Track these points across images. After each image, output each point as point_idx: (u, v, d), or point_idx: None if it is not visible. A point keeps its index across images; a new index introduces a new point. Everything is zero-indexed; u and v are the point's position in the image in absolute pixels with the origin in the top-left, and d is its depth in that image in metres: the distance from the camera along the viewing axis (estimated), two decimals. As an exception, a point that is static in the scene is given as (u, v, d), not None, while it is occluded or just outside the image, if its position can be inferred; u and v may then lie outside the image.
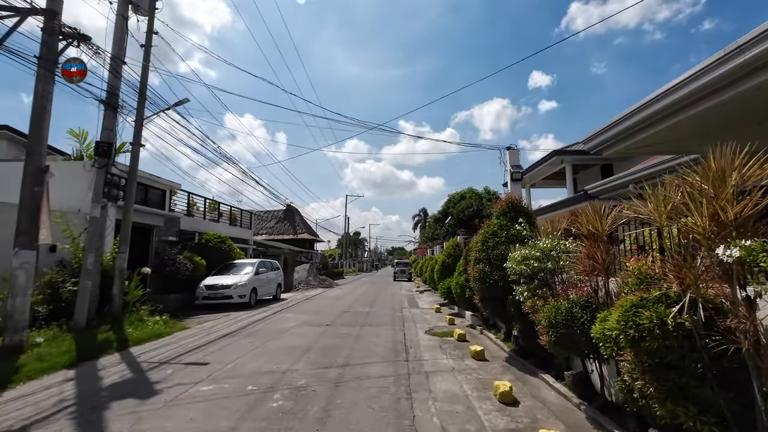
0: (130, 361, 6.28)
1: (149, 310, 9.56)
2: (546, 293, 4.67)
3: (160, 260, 13.18)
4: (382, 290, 22.55)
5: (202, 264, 14.18)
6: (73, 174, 10.34)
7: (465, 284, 9.37)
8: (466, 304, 9.76)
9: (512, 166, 9.68)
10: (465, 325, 9.92)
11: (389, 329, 9.16)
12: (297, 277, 23.86)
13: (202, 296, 13.33)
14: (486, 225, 6.96)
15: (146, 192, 13.14)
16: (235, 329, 9.14)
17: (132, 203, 9.19)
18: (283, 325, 9.84)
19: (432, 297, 17.20)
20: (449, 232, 36.38)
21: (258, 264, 15.21)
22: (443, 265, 13.78)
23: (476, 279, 6.65)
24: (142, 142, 9.58)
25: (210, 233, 15.45)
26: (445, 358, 6.41)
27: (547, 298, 4.56)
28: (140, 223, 12.72)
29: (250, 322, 10.35)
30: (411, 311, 12.67)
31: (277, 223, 38.84)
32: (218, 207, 18.79)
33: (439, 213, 41.90)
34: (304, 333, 8.66)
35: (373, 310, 12.98)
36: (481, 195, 38.26)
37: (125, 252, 8.93)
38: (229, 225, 19.64)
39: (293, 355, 6.46)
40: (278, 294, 17.00)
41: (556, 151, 18.80)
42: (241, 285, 13.51)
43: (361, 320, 10.55)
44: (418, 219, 63.38)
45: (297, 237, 37.15)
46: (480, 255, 6.63)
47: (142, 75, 9.35)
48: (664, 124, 4.89)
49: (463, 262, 9.86)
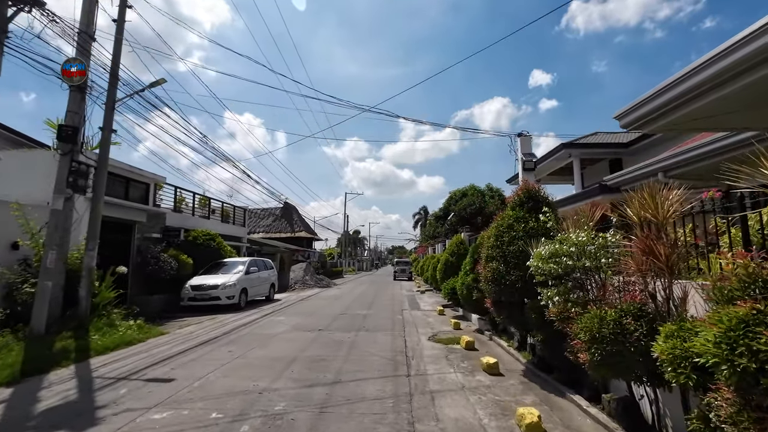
0: (84, 376, 5.36)
1: (123, 314, 8.64)
2: (584, 298, 3.75)
3: (143, 258, 12.29)
4: (381, 290, 21.64)
5: (188, 263, 13.27)
6: (40, 164, 9.43)
7: (472, 285, 8.46)
8: (472, 306, 8.85)
9: (524, 154, 8.76)
10: (472, 329, 9.01)
11: (388, 335, 8.24)
12: (293, 277, 22.96)
13: (187, 297, 12.42)
14: (499, 217, 6.03)
15: (127, 185, 12.21)
16: (217, 335, 8.23)
17: (102, 195, 8.27)
18: (272, 329, 8.92)
19: (434, 298, 16.29)
20: (451, 230, 35.44)
21: (249, 263, 14.29)
22: (446, 264, 12.86)
23: (489, 279, 5.72)
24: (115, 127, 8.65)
25: (198, 230, 14.53)
26: (452, 372, 5.49)
27: (587, 304, 3.63)
28: (120, 218, 11.81)
29: (237, 326, 9.44)
30: (412, 313, 11.75)
31: (275, 221, 37.90)
32: (209, 203, 17.86)
33: (440, 211, 40.99)
34: (293, 339, 7.75)
35: (372, 312, 12.07)
36: (483, 192, 37.33)
37: (94, 249, 8.01)
38: (221, 222, 18.71)
39: (276, 369, 5.53)
40: (271, 294, 16.09)
41: (564, 144, 17.87)
42: (230, 285, 12.60)
43: (358, 324, 9.63)
44: (418, 217, 62.47)
45: (295, 235, 36.22)
46: (493, 252, 5.71)
47: (115, 51, 8.42)
48: (722, 92, 3.98)
49: (470, 261, 8.95)
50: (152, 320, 10.35)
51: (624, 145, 17.05)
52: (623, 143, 17.03)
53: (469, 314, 10.46)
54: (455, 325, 9.11)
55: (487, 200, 35.89)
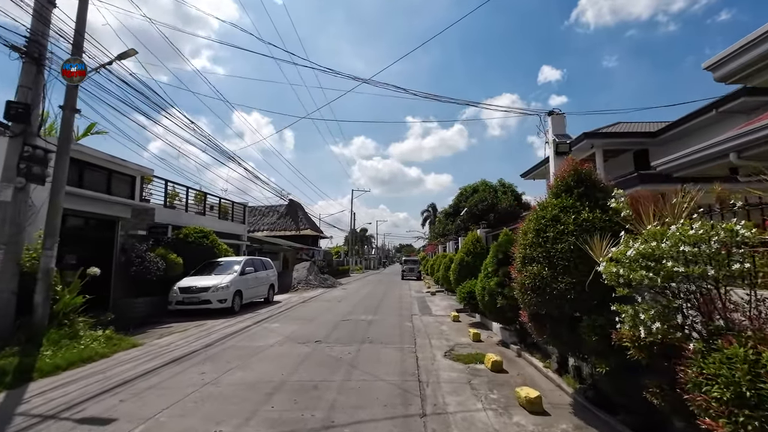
0: (6, 410, 4.18)
1: (91, 323, 7.49)
2: (708, 323, 2.41)
3: (127, 258, 11.19)
4: (389, 291, 20.37)
5: (177, 263, 12.14)
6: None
7: (496, 290, 7.15)
8: (495, 315, 7.53)
9: (557, 135, 7.39)
10: (494, 341, 7.69)
11: (396, 349, 6.96)
12: (296, 276, 21.81)
13: (175, 301, 11.29)
14: (539, 207, 4.70)
15: (109, 178, 11.10)
16: (196, 348, 7.03)
17: (62, 185, 7.11)
18: (262, 340, 7.70)
19: (447, 301, 14.96)
20: (461, 227, 33.98)
21: (245, 262, 13.12)
22: (461, 264, 11.53)
23: (527, 287, 4.40)
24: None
25: (190, 227, 13.40)
26: (480, 409, 4.19)
27: (714, 335, 2.30)
28: (101, 214, 10.72)
29: (223, 335, 8.25)
30: (423, 320, 10.45)
31: (279, 218, 36.87)
32: (205, 198, 16.74)
33: (450, 207, 39.46)
34: (283, 355, 6.52)
35: (377, 317, 10.80)
36: (495, 188, 35.78)
37: (52, 248, 6.86)
38: (218, 219, 17.61)
39: (251, 402, 4.29)
40: (271, 296, 14.93)
41: (586, 133, 16.38)
42: (222, 287, 11.44)
43: (361, 333, 8.37)
44: (427, 215, 61.08)
45: (299, 233, 35.15)
46: (533, 252, 4.38)
47: (79, 14, 7.24)
48: None
49: (493, 262, 7.63)
50: (133, 328, 9.26)
51: (652, 134, 15.56)
52: (651, 132, 15.52)
53: (488, 322, 9.14)
54: (475, 337, 7.79)
55: (499, 196, 34.30)
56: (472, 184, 37.91)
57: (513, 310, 6.95)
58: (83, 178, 10.22)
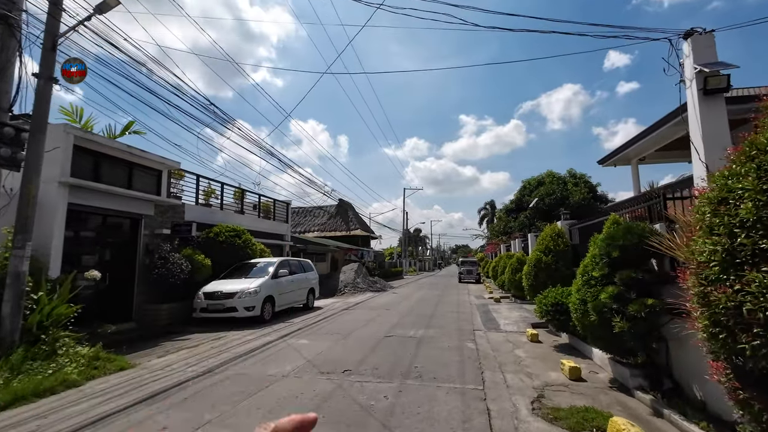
0: None
1: (77, 337, 6.17)
2: None
3: (151, 260, 10.14)
4: (445, 296, 17.98)
5: (205, 264, 10.93)
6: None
7: (610, 305, 4.64)
8: (607, 342, 5.01)
9: (703, 65, 4.71)
10: (604, 381, 5.15)
11: (455, 393, 4.73)
12: (343, 279, 20.22)
13: (199, 308, 10.01)
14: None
15: (130, 171, 10.12)
16: (189, 377, 5.38)
17: (36, 171, 5.85)
18: (276, 367, 5.89)
19: (517, 311, 12.29)
20: (526, 224, 30.39)
21: (278, 264, 11.61)
22: (537, 265, 8.96)
23: (749, 320, 2.00)
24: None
25: (221, 225, 12.20)
26: None
27: None
28: (119, 211, 9.74)
29: (234, 355, 6.59)
30: (490, 338, 8.06)
31: (329, 219, 35.92)
32: (242, 195, 15.67)
33: (511, 203, 35.88)
34: (291, 396, 4.60)
35: (430, 333, 8.59)
36: (564, 179, 31.68)
37: (24, 247, 5.60)
38: (258, 218, 16.50)
39: None
40: (310, 302, 13.34)
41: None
42: (250, 293, 9.95)
43: (407, 360, 6.25)
44: (484, 213, 57.28)
45: (350, 234, 33.85)
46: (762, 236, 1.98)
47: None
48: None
49: (600, 264, 5.11)
50: (151, 339, 8.08)
51: None
52: None
53: (583, 345, 6.52)
54: (572, 373, 5.29)
55: (570, 188, 30.22)
56: (537, 176, 34.02)
57: (640, 338, 4.43)
58: (100, 171, 9.26)
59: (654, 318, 4.30)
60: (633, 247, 4.58)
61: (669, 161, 20.27)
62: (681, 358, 4.66)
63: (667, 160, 19.93)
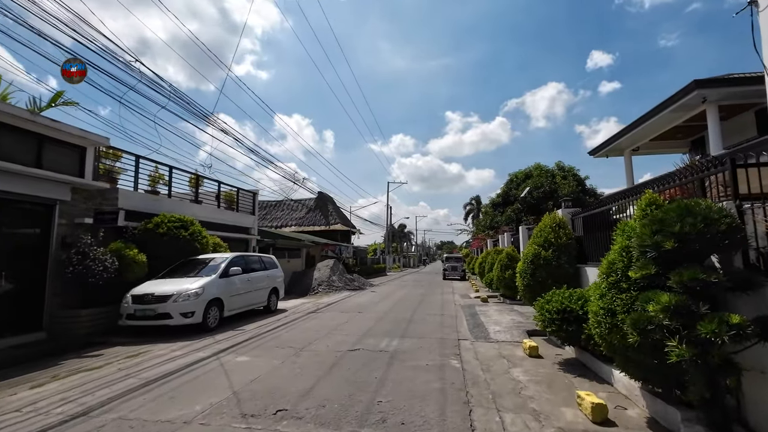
0: None
1: None
2: None
3: (67, 255, 8.25)
4: (428, 295, 16.45)
5: (139, 261, 9.08)
6: None
7: (659, 321, 3.10)
8: (643, 369, 3.49)
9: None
10: (641, 424, 3.62)
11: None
12: (318, 277, 18.49)
13: (126, 314, 8.18)
14: None
15: (40, 146, 8.17)
16: (48, 425, 3.66)
17: None
18: (181, 406, 4.18)
19: (508, 314, 10.81)
20: (513, 218, 29.17)
21: (230, 261, 9.84)
22: (535, 261, 7.45)
23: None
24: None
25: (165, 214, 10.33)
26: None
27: None
28: (24, 195, 7.81)
29: (137, 384, 4.86)
30: (479, 352, 6.51)
31: (308, 212, 34.06)
32: (197, 181, 13.75)
33: (497, 197, 34.52)
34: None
35: (405, 345, 7.01)
36: (552, 172, 30.55)
37: None
38: (218, 208, 14.61)
39: None
40: (273, 303, 11.62)
41: (697, 81, 11.41)
42: (189, 295, 8.18)
43: (370, 390, 4.63)
44: (470, 208, 56.26)
45: (329, 228, 32.09)
46: None
47: None
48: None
49: (622, 259, 3.58)
50: (53, 355, 6.26)
51: None
52: None
53: (602, 366, 5.00)
54: (596, 413, 3.74)
55: (558, 181, 29.08)
56: (524, 169, 32.78)
57: (710, 371, 2.93)
58: (-8, 145, 7.32)
59: (736, 343, 2.79)
60: (698, 236, 3.05)
61: (663, 152, 19.11)
62: (761, 398, 3.18)
63: (661, 150, 18.78)
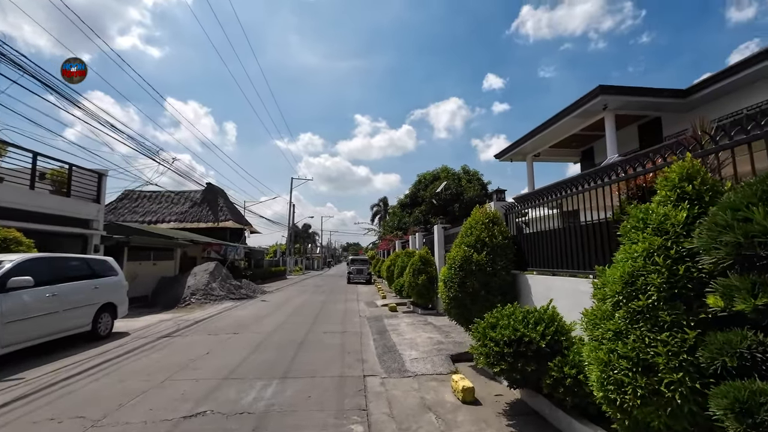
0: None
1: None
2: None
3: None
4: (328, 303, 14.13)
5: None
6: None
7: None
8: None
9: None
10: None
11: None
12: (192, 284, 14.75)
13: None
14: None
15: None
16: None
17: None
18: None
19: (423, 330, 9.07)
20: (420, 219, 28.60)
21: (12, 267, 6.23)
22: (464, 266, 5.70)
23: None
24: None
25: None
26: None
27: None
28: None
29: None
30: (392, 398, 4.45)
31: (192, 207, 28.91)
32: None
33: (405, 197, 33.84)
34: None
35: (285, 396, 4.62)
36: (458, 175, 30.87)
37: None
38: (31, 190, 10.24)
39: None
40: (103, 325, 8.09)
41: (602, 87, 11.44)
42: None
43: None
44: (377, 209, 55.53)
45: (219, 225, 27.58)
46: None
47: None
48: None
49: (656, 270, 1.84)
50: None
51: (681, 93, 11.13)
52: (680, 90, 11.06)
53: (565, 419, 3.33)
54: None
55: (464, 185, 29.43)
56: (432, 170, 32.73)
57: None
58: None
59: None
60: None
61: (559, 159, 20.08)
62: None
63: (558, 158, 19.66)
